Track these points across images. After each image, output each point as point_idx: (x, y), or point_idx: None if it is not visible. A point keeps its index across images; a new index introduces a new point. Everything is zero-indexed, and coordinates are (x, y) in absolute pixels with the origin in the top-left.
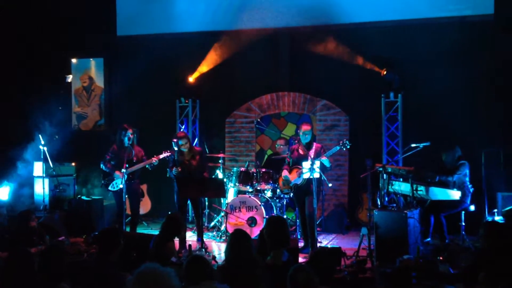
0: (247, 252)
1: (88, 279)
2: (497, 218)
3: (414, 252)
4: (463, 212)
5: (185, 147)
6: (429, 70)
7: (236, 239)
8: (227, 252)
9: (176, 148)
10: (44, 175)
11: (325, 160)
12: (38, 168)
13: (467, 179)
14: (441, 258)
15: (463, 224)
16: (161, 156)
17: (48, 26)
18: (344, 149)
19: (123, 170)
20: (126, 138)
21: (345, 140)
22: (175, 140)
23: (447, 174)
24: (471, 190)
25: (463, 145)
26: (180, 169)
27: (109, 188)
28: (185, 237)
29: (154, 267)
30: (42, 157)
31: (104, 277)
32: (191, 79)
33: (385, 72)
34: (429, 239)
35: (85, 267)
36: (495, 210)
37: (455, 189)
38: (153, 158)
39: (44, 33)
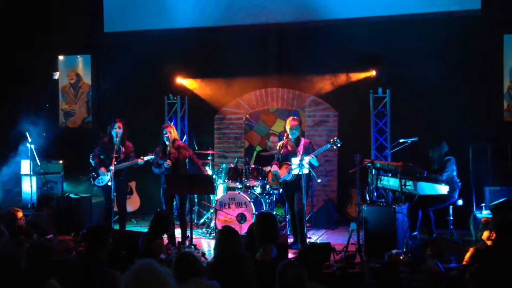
0: (236, 248)
1: (77, 277)
2: (485, 212)
3: (402, 247)
4: (451, 206)
5: (168, 136)
6: (417, 65)
7: (225, 236)
8: (216, 249)
9: (167, 142)
10: (31, 173)
11: (312, 159)
12: (25, 166)
13: (455, 173)
14: (430, 252)
15: (451, 218)
16: (145, 158)
17: (35, 22)
18: (335, 147)
19: (111, 167)
20: (113, 132)
21: (335, 138)
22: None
23: (435, 172)
24: (459, 184)
25: (451, 140)
26: (169, 162)
27: (95, 182)
28: (174, 234)
29: (152, 264)
30: (29, 154)
31: (93, 275)
32: (180, 79)
33: (374, 73)
34: (416, 232)
35: (73, 265)
36: (483, 205)
37: (443, 184)
38: (139, 159)
39: (31, 29)
